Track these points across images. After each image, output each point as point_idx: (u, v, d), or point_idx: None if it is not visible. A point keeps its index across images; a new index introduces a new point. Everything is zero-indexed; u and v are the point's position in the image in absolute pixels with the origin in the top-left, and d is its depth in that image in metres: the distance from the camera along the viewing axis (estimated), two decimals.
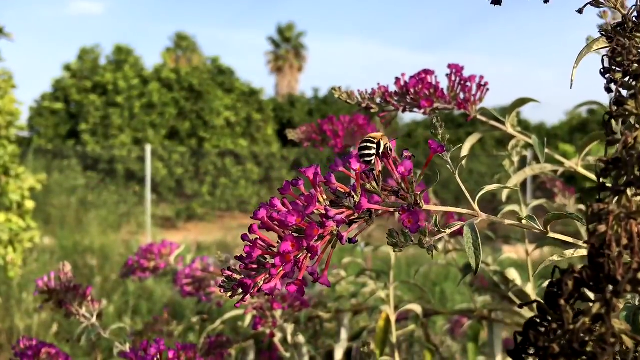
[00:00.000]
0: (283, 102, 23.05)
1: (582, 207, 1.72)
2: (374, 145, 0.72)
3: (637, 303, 0.63)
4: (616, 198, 0.41)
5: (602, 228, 0.40)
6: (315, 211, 0.67)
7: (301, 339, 1.46)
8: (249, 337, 1.83)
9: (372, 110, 1.11)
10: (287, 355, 1.42)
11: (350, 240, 0.69)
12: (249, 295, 1.20)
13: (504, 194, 1.27)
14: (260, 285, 0.67)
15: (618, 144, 0.41)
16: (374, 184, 0.70)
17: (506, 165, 1.32)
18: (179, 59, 27.68)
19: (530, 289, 1.45)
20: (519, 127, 1.26)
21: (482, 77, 1.14)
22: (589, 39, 1.29)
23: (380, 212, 0.69)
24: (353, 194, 0.69)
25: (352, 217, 0.69)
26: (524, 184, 1.35)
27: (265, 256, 0.68)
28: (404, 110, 1.12)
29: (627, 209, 0.40)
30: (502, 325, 1.85)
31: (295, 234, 0.67)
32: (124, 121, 16.17)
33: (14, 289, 5.64)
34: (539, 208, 1.63)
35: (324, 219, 0.67)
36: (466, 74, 1.14)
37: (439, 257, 2.14)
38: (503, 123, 1.16)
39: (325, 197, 0.70)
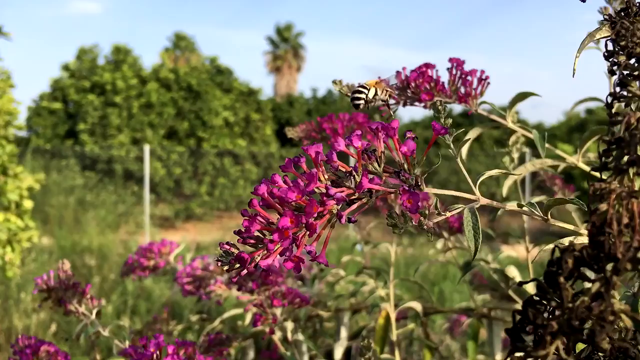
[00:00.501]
0: (281, 102, 23.06)
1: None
2: (365, 91, 0.72)
3: (635, 290, 0.63)
4: (617, 177, 0.40)
5: (604, 206, 0.39)
6: (316, 189, 0.67)
7: (301, 337, 1.46)
8: (249, 335, 1.83)
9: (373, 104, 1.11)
10: (288, 353, 1.41)
11: (349, 220, 0.68)
12: (249, 292, 1.19)
13: (504, 191, 1.27)
14: (257, 261, 0.66)
15: (620, 124, 0.41)
16: (375, 164, 0.70)
17: (506, 162, 1.32)
18: (177, 59, 27.67)
19: (530, 287, 1.45)
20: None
21: (483, 71, 1.14)
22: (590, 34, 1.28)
23: (380, 193, 0.69)
24: (354, 173, 0.69)
25: (353, 197, 0.69)
26: (522, 184, 1.35)
27: (264, 232, 0.67)
28: (404, 104, 1.11)
29: (628, 188, 0.40)
30: (502, 324, 1.85)
31: (294, 211, 0.67)
32: (122, 121, 16.16)
33: (12, 289, 5.63)
34: (539, 205, 1.62)
35: (325, 197, 0.67)
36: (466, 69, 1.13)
37: (438, 256, 2.13)
38: (504, 118, 1.15)
39: (326, 176, 0.70)
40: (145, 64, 28.56)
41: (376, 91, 0.73)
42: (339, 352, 1.83)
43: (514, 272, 1.53)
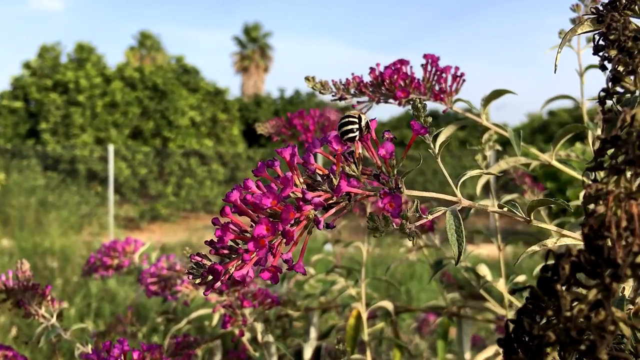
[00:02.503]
0: (249, 102, 22.95)
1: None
2: (357, 121, 0.68)
3: (621, 294, 0.62)
4: (614, 178, 0.39)
5: (601, 209, 0.38)
6: (292, 194, 0.64)
7: (270, 338, 1.43)
8: (216, 336, 1.79)
9: (346, 102, 1.09)
10: (257, 354, 1.38)
11: (327, 226, 0.65)
12: (217, 293, 1.16)
13: (478, 190, 1.26)
14: (231, 272, 0.63)
15: (617, 121, 0.39)
16: (353, 167, 0.67)
17: (479, 160, 1.31)
18: (143, 57, 27.33)
19: (502, 285, 1.44)
20: (481, 128, 1.25)
21: (457, 68, 1.12)
22: (561, 32, 1.28)
23: (359, 196, 0.66)
24: (332, 176, 0.66)
25: (330, 201, 0.66)
26: (486, 185, 1.34)
27: (238, 241, 0.64)
28: (378, 101, 1.09)
29: (626, 188, 0.38)
30: (471, 322, 1.85)
31: (270, 218, 0.63)
32: (86, 120, 15.86)
33: None
34: (508, 204, 1.62)
35: (301, 203, 0.63)
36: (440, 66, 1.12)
37: (405, 255, 2.13)
38: (478, 115, 1.14)
39: (301, 179, 0.67)
40: (109, 62, 28.09)
41: (363, 119, 0.69)
42: (308, 352, 1.81)
43: (485, 271, 1.52)
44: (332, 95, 1.09)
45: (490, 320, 2.05)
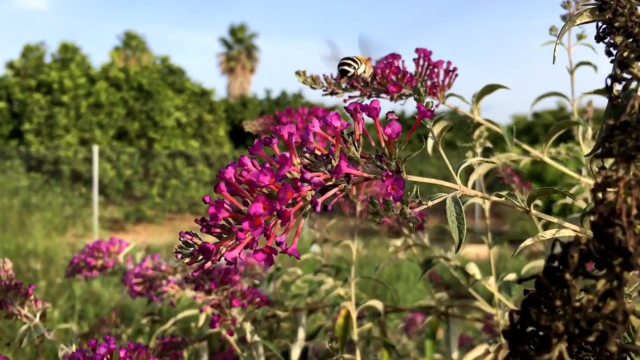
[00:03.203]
0: (235, 103, 22.88)
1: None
2: (355, 65, 0.67)
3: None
4: (624, 165, 0.37)
5: (611, 196, 0.36)
6: (289, 174, 0.61)
7: (257, 338, 1.41)
8: (203, 337, 1.77)
9: (338, 96, 1.07)
10: (245, 354, 1.36)
11: (324, 208, 0.63)
12: (205, 292, 1.13)
13: (470, 184, 1.25)
14: (222, 253, 0.60)
15: (627, 107, 0.38)
16: (353, 148, 0.65)
17: (469, 157, 1.30)
18: (128, 58, 27.14)
19: (492, 283, 1.43)
20: (466, 128, 1.25)
21: (449, 63, 1.11)
22: (552, 28, 1.28)
23: (358, 178, 0.64)
24: (331, 157, 0.63)
25: (329, 183, 0.63)
26: (472, 186, 1.33)
27: (231, 220, 0.61)
28: (370, 96, 1.07)
29: (636, 175, 0.37)
30: (458, 322, 1.84)
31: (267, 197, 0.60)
32: (70, 121, 15.71)
33: None
34: (496, 204, 1.62)
35: (299, 182, 0.61)
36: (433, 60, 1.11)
37: (394, 255, 2.12)
38: (470, 112, 1.13)
39: (299, 160, 0.64)
40: (94, 63, 27.91)
41: (365, 69, 0.69)
42: (296, 352, 1.79)
43: (474, 269, 1.52)
44: (324, 90, 1.07)
45: (478, 319, 2.04)
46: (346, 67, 0.70)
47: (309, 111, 1.61)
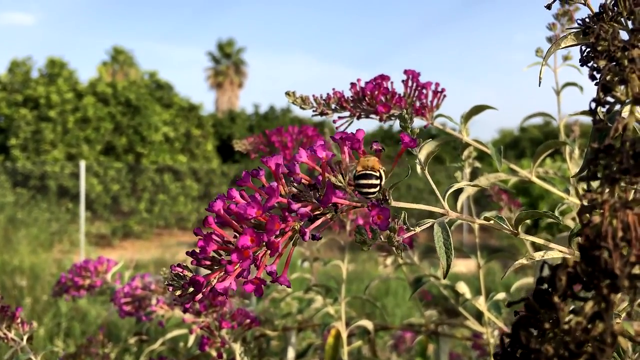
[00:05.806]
0: (223, 117, 22.88)
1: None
2: (377, 175, 0.63)
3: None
4: (608, 188, 0.38)
5: (597, 218, 0.37)
6: (276, 204, 0.62)
7: (247, 359, 1.40)
8: (191, 358, 1.75)
9: (327, 117, 1.07)
10: None
11: (313, 237, 0.63)
12: (195, 314, 1.12)
13: (459, 205, 1.25)
14: (213, 284, 0.61)
15: (610, 130, 0.39)
16: (340, 177, 0.65)
17: (458, 177, 1.30)
18: (115, 73, 27.12)
19: (482, 302, 1.44)
20: (453, 143, 1.25)
21: (437, 84, 1.12)
22: (538, 50, 1.29)
23: (346, 207, 0.64)
24: (318, 187, 0.64)
25: (317, 212, 0.64)
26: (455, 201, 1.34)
27: (221, 252, 0.62)
28: (359, 117, 1.08)
29: (621, 198, 0.37)
30: (448, 340, 1.84)
31: (254, 228, 0.61)
32: (57, 136, 15.63)
33: None
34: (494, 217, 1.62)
35: (287, 213, 0.62)
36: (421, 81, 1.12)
37: (384, 272, 2.11)
38: (456, 132, 1.14)
39: (287, 189, 0.65)
40: (81, 77, 27.78)
41: (381, 174, 0.65)
42: None
43: (464, 288, 1.52)
44: (313, 111, 1.08)
45: (468, 337, 2.04)
46: (371, 183, 0.62)
47: (299, 130, 1.61)
